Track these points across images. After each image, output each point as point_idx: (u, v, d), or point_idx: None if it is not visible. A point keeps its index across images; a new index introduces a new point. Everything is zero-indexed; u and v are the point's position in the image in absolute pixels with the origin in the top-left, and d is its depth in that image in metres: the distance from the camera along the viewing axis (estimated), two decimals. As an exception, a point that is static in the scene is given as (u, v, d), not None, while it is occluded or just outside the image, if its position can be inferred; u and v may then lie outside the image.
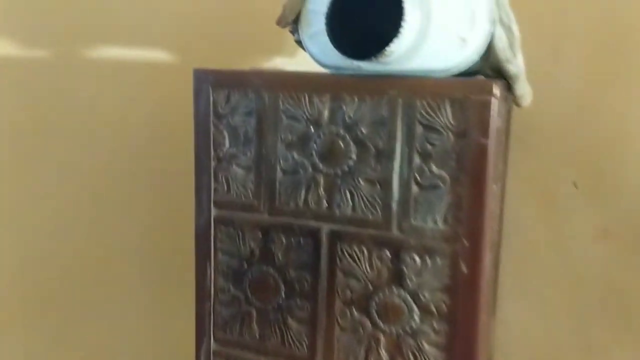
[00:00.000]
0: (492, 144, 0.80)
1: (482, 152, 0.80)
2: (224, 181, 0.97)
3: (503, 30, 0.85)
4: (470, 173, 0.81)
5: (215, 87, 0.95)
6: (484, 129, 0.80)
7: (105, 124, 1.24)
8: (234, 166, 0.96)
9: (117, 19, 1.21)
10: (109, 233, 1.28)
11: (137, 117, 1.27)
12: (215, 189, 0.98)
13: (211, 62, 1.30)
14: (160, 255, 1.37)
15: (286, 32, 1.37)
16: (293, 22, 0.95)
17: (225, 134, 0.96)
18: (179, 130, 1.29)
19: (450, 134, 0.82)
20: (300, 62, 1.43)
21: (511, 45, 0.87)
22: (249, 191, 0.95)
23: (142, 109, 1.27)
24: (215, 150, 0.97)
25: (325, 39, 0.85)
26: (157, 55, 1.28)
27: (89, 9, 1.18)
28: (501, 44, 0.86)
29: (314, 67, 1.03)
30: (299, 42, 0.97)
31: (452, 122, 0.81)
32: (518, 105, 0.98)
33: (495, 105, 0.79)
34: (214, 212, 0.98)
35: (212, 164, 0.97)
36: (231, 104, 0.95)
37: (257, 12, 1.38)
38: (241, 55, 1.39)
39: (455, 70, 0.85)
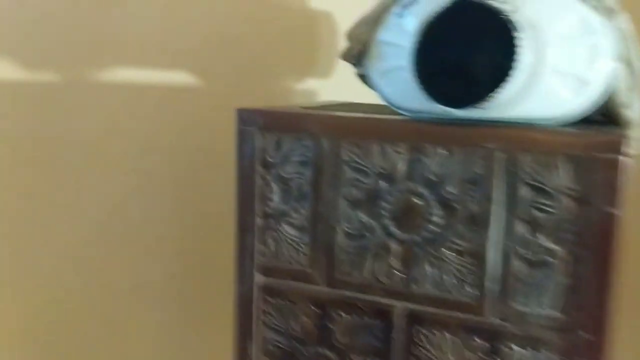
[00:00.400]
0: (622, 213, 0.64)
1: (610, 223, 0.64)
2: (271, 243, 0.81)
3: (626, 69, 0.69)
4: (594, 249, 0.65)
5: (264, 130, 0.79)
6: (612, 196, 0.63)
7: (122, 152, 1.08)
8: (285, 225, 0.80)
9: (134, 39, 1.06)
10: (126, 287, 1.12)
11: (159, 145, 1.11)
12: (260, 252, 0.81)
13: (236, 84, 1.17)
14: (189, 326, 1.20)
15: (318, 52, 1.23)
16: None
17: (275, 186, 0.80)
18: (208, 163, 1.15)
19: (566, 199, 0.65)
20: (337, 85, 1.29)
21: (633, 86, 0.70)
22: (303, 256, 0.79)
23: (164, 135, 1.12)
24: (261, 205, 0.81)
25: (403, 77, 0.70)
26: (177, 76, 1.13)
27: (102, 28, 1.03)
28: (622, 85, 0.69)
29: (355, 93, 0.88)
30: (363, 77, 0.81)
31: (569, 184, 0.65)
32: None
33: (625, 166, 0.63)
34: (258, 279, 0.82)
35: (258, 221, 0.81)
36: (282, 151, 0.79)
37: (287, 32, 1.25)
38: (270, 77, 1.25)
39: (569, 118, 0.69)
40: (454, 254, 0.71)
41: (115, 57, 1.05)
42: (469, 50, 0.68)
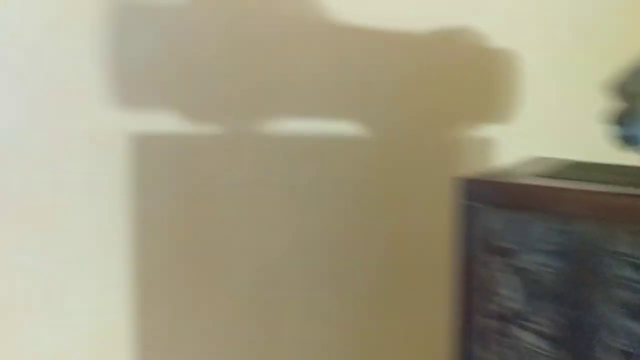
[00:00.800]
0: None
1: None
2: (502, 352, 0.62)
3: None
4: None
5: (495, 207, 0.61)
6: None
7: (281, 207, 0.96)
8: (523, 331, 0.61)
9: (295, 88, 0.94)
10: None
11: (322, 201, 0.98)
12: (486, 363, 0.63)
13: (406, 133, 1.03)
14: None
15: (498, 96, 1.07)
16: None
17: (509, 279, 0.61)
18: (382, 222, 1.01)
19: None
20: (516, 132, 1.11)
21: None
22: (550, 375, 0.60)
23: (329, 189, 0.98)
24: (488, 302, 0.63)
25: None
26: (343, 126, 1.00)
27: (263, 77, 0.93)
28: None
29: (538, 142, 0.70)
30: (629, 139, 0.61)
31: None
32: None
33: None
34: (484, 398, 0.63)
35: (483, 322, 0.63)
36: (521, 235, 0.61)
37: (462, 74, 1.10)
38: (442, 124, 1.09)
39: None
40: None
41: (276, 107, 0.94)
42: None
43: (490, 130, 1.14)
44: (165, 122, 0.85)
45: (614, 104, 0.61)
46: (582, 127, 1.00)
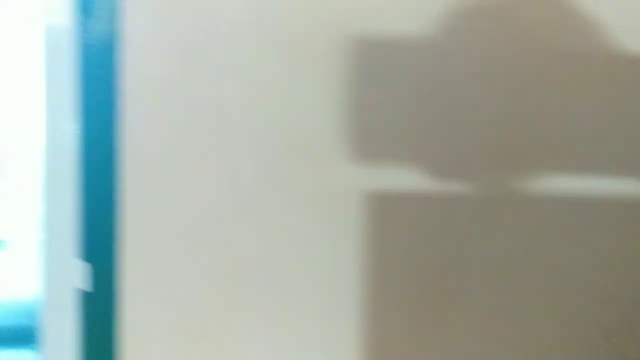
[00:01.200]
0: None
1: None
2: None
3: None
4: None
5: None
6: None
7: (547, 288, 0.86)
8: None
9: (565, 142, 0.85)
10: None
11: (610, 279, 0.86)
12: None
13: None
14: None
15: None
16: None
17: None
18: None
19: None
20: None
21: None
22: None
23: (622, 266, 0.86)
24: None
25: None
26: (630, 186, 0.86)
27: (526, 124, 0.85)
28: None
29: None
30: None
31: None
32: None
33: None
34: None
35: None
36: None
37: None
38: None
39: None
40: None
41: (549, 162, 0.85)
42: None
43: None
44: (409, 179, 0.81)
45: None
46: None
